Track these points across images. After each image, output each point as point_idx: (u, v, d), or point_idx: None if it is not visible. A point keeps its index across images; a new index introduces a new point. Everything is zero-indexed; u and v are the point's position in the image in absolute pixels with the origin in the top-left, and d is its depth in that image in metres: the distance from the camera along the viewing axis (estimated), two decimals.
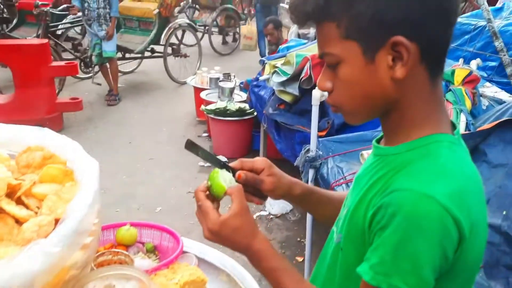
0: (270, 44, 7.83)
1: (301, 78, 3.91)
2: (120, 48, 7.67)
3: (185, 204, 4.50)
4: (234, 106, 5.50)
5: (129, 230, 1.82)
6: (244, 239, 1.08)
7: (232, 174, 1.17)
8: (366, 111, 1.00)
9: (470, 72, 3.02)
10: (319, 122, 3.25)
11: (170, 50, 8.43)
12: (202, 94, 6.18)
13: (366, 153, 2.89)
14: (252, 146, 5.67)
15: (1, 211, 1.13)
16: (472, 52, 3.73)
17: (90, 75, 7.84)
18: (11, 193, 1.19)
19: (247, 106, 5.46)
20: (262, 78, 4.79)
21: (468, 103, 2.84)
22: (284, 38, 7.51)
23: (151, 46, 8.46)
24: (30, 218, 1.12)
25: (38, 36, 7.30)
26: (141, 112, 7.02)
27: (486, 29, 3.66)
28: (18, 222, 1.12)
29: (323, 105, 3.29)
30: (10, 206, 1.14)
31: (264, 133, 5.10)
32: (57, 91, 6.56)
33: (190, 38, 9.35)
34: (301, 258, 3.76)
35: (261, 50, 9.63)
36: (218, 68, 6.87)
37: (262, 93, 4.83)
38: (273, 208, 4.43)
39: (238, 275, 1.68)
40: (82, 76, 7.98)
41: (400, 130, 0.98)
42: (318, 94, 2.98)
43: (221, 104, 5.56)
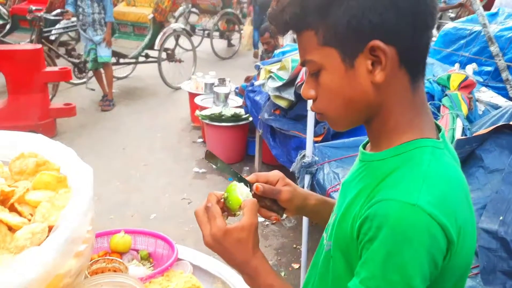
0: (266, 52, 7.82)
1: (296, 83, 3.91)
2: (114, 53, 7.65)
3: (179, 211, 4.48)
4: (229, 111, 5.48)
5: (123, 238, 1.81)
6: (244, 253, 1.05)
7: (248, 187, 1.15)
8: (350, 117, 1.00)
9: (466, 77, 3.03)
10: (315, 127, 3.24)
11: (164, 55, 8.42)
12: (197, 99, 6.16)
13: None
14: (247, 152, 5.66)
15: None
16: (467, 57, 3.74)
17: (83, 81, 7.81)
18: (4, 200, 1.18)
19: (242, 111, 5.45)
20: (257, 83, 4.78)
21: (464, 108, 2.85)
22: (280, 45, 7.51)
23: (146, 51, 8.45)
24: (23, 225, 1.11)
25: (31, 41, 7.27)
26: (135, 118, 7.00)
27: (482, 34, 3.68)
28: (11, 229, 1.11)
29: None
30: (3, 213, 1.12)
31: (259, 138, 5.09)
32: (50, 97, 6.53)
33: (185, 42, 9.31)
34: (297, 265, 3.74)
35: (254, 39, 10.44)
36: (213, 73, 6.86)
37: (258, 98, 4.82)
38: None
39: (234, 283, 1.66)
40: (75, 81, 7.94)
41: (384, 135, 0.98)
42: None
43: (216, 109, 5.55)
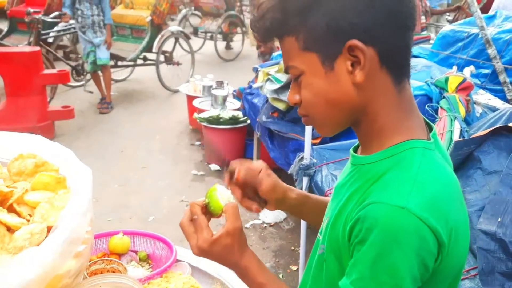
0: (263, 54, 7.84)
1: None
2: (112, 55, 7.64)
3: (178, 213, 4.47)
4: (227, 114, 5.48)
5: (122, 239, 1.80)
6: (232, 257, 1.08)
7: (232, 174, 1.17)
8: (335, 120, 1.01)
9: (464, 79, 3.04)
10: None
11: (162, 57, 8.42)
12: (195, 102, 6.16)
13: None
14: (245, 155, 5.65)
15: None
16: (465, 59, 3.75)
17: (82, 83, 7.81)
18: (3, 200, 1.18)
19: (240, 114, 5.45)
20: (255, 85, 4.78)
21: (462, 110, 2.85)
22: (276, 47, 7.52)
23: (144, 54, 8.45)
24: (22, 226, 1.11)
25: (29, 44, 7.27)
26: (133, 120, 6.99)
27: (479, 36, 3.69)
28: (10, 230, 1.11)
29: None
30: (1, 214, 1.12)
31: (257, 141, 5.09)
32: (48, 99, 6.53)
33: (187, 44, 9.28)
34: (295, 267, 3.74)
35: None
36: (211, 75, 6.86)
37: (256, 100, 4.82)
38: (267, 217, 4.41)
39: (233, 284, 1.66)
40: (73, 84, 7.93)
41: (373, 138, 0.99)
42: None
43: (214, 112, 5.55)
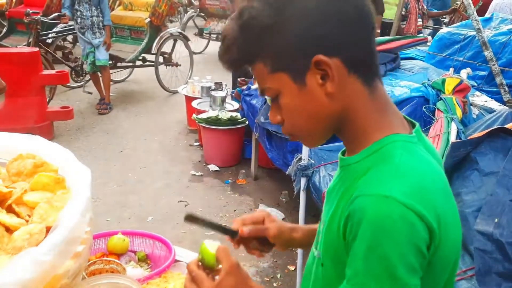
0: None
1: None
2: (111, 57, 7.63)
3: (176, 213, 4.48)
4: (226, 115, 5.49)
5: (120, 239, 1.81)
6: None
7: (234, 235, 1.18)
8: (318, 132, 1.04)
9: (461, 81, 3.05)
10: None
11: (161, 59, 8.42)
12: (194, 103, 6.16)
13: None
14: (243, 155, 5.67)
15: None
16: (462, 61, 3.76)
17: (80, 84, 7.80)
18: (2, 201, 1.18)
19: (239, 115, 5.46)
20: (254, 87, 4.79)
21: (458, 112, 2.86)
22: None
23: (143, 55, 8.44)
24: (21, 226, 1.11)
25: (28, 44, 7.26)
26: (132, 121, 7.00)
27: (476, 39, 3.70)
28: (9, 230, 1.11)
29: None
30: (0, 214, 1.12)
31: (255, 142, 5.10)
32: (47, 100, 6.53)
33: (192, 45, 9.23)
34: (293, 267, 3.74)
35: None
36: (209, 77, 6.87)
37: (254, 102, 4.82)
38: None
39: None
40: (72, 85, 7.92)
41: (355, 140, 1.01)
42: None
43: (212, 113, 5.55)
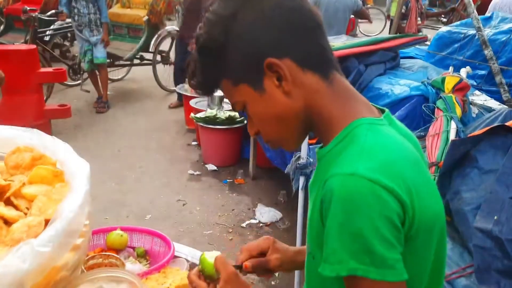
0: None
1: None
2: (109, 55, 7.61)
3: (174, 212, 4.47)
4: (224, 114, 5.48)
5: (119, 235, 1.80)
6: None
7: (239, 269, 1.21)
8: (292, 134, 1.06)
9: (460, 79, 3.05)
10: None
11: (159, 57, 8.40)
12: (192, 102, 6.15)
13: None
14: (242, 155, 5.65)
15: None
16: (462, 60, 3.76)
17: (78, 82, 7.77)
18: (0, 193, 1.18)
19: (237, 114, 5.45)
20: None
21: (458, 111, 2.86)
22: None
23: (140, 54, 8.41)
24: (19, 218, 1.10)
25: (26, 42, 7.25)
26: (130, 120, 6.98)
27: (476, 37, 3.70)
28: (7, 223, 1.11)
29: None
30: None
31: (254, 141, 5.09)
32: (45, 98, 6.51)
33: None
34: None
35: None
36: None
37: None
38: (263, 216, 4.40)
39: None
40: (70, 83, 7.90)
41: (326, 132, 1.03)
42: None
43: (210, 112, 5.54)
